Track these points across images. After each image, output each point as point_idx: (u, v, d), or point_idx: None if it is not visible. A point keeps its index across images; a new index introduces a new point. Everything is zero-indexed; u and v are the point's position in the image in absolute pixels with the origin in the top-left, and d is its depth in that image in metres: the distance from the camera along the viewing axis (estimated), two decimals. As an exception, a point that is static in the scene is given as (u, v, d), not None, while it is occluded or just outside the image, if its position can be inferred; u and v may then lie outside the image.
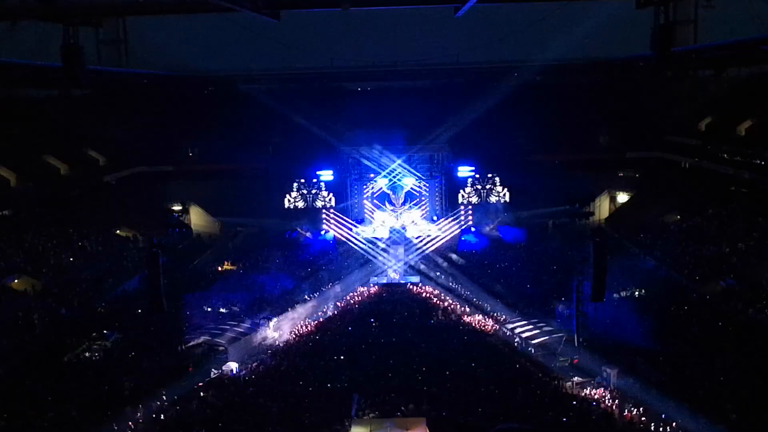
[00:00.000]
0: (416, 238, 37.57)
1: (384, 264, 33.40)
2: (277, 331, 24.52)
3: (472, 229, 38.13)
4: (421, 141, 39.32)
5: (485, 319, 25.36)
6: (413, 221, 39.72)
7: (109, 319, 24.99)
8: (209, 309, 26.17)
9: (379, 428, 15.91)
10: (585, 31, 34.43)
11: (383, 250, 35.49)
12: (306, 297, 28.12)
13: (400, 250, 34.95)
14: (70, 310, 25.59)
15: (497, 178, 37.90)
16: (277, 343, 23.80)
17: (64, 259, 29.83)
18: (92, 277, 28.94)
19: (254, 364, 21.64)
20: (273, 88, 44.21)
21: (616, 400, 17.99)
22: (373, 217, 40.27)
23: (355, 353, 21.91)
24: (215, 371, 20.97)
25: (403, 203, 40.15)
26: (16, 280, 26.36)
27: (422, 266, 32.84)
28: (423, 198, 40.34)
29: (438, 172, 40.04)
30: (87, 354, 21.88)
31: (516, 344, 22.87)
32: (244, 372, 21.06)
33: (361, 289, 30.04)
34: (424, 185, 40.17)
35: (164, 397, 18.28)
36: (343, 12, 17.60)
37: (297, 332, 24.62)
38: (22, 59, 31.29)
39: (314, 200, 38.29)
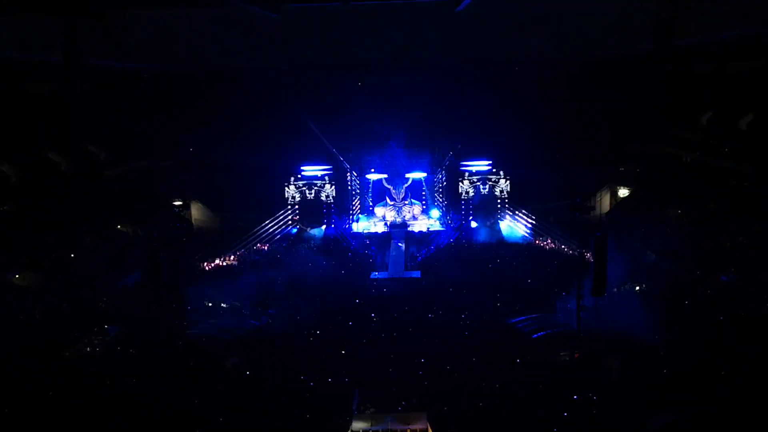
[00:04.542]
0: (416, 232, 37.63)
1: (385, 259, 33.44)
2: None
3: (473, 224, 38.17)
4: (421, 135, 39.28)
5: (486, 313, 25.35)
6: (414, 216, 39.76)
7: (110, 314, 25.03)
8: (210, 304, 26.21)
9: (380, 422, 15.95)
10: (585, 24, 34.36)
11: (384, 245, 35.54)
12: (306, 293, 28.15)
13: (401, 244, 34.97)
14: (70, 305, 25.62)
15: (501, 172, 37.95)
16: (277, 337, 23.82)
17: (65, 254, 29.84)
18: (93, 272, 28.97)
19: (255, 359, 21.65)
20: (273, 83, 44.08)
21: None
22: (373, 212, 40.30)
23: (356, 348, 21.94)
24: (216, 366, 20.97)
25: (404, 198, 40.15)
26: (17, 276, 26.41)
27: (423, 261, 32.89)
28: (423, 193, 40.37)
29: (438, 166, 40.04)
30: (88, 349, 21.91)
31: (517, 338, 22.86)
32: (244, 367, 21.07)
33: (362, 283, 30.07)
34: (425, 180, 40.17)
35: (165, 393, 18.31)
36: (344, 7, 17.57)
37: (298, 327, 24.62)
38: (22, 54, 31.24)
39: (317, 195, 38.34)
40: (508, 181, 38.35)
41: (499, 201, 38.56)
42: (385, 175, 39.95)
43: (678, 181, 37.51)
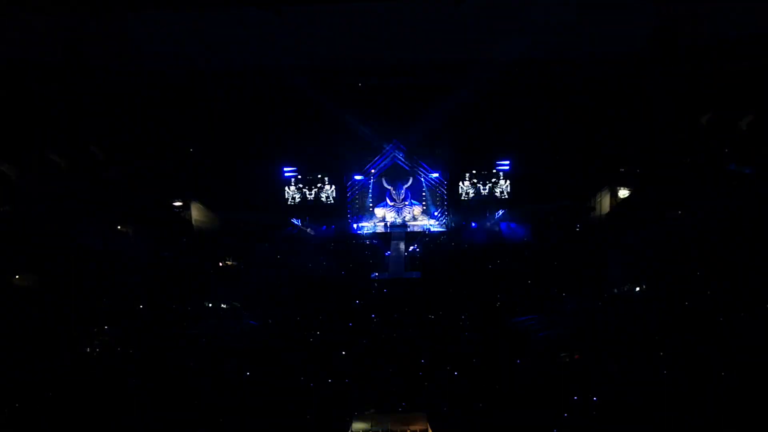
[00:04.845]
0: (417, 233, 37.62)
1: (385, 259, 33.43)
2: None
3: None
4: (421, 136, 39.27)
5: (486, 313, 25.34)
6: (414, 217, 39.76)
7: (110, 314, 25.01)
8: (210, 305, 26.21)
9: (380, 423, 15.94)
10: (586, 25, 34.28)
11: (384, 245, 35.52)
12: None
13: (401, 245, 34.97)
14: (70, 305, 25.59)
15: (501, 173, 37.99)
16: (277, 338, 23.82)
17: (65, 254, 29.79)
18: (93, 272, 28.93)
19: (255, 360, 21.64)
20: (273, 83, 44.02)
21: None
22: (373, 213, 40.30)
23: (356, 348, 21.94)
24: (216, 366, 20.97)
25: (404, 199, 40.13)
26: (17, 276, 26.40)
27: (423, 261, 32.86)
28: (423, 193, 40.35)
29: (439, 167, 40.01)
30: (88, 349, 21.90)
31: (517, 338, 22.85)
32: (244, 368, 21.06)
33: (362, 284, 30.05)
34: (425, 180, 40.16)
35: (165, 393, 18.31)
36: (345, 6, 17.55)
37: (297, 327, 24.63)
38: (22, 54, 31.21)
39: (317, 195, 38.38)
40: (508, 181, 38.37)
41: (499, 201, 38.60)
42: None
43: (678, 181, 37.47)
